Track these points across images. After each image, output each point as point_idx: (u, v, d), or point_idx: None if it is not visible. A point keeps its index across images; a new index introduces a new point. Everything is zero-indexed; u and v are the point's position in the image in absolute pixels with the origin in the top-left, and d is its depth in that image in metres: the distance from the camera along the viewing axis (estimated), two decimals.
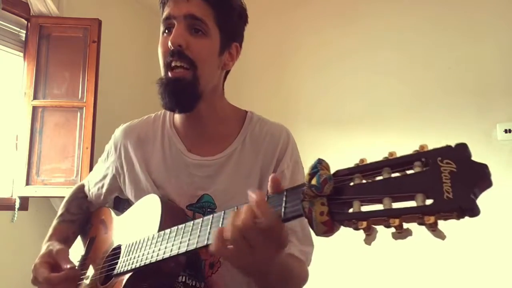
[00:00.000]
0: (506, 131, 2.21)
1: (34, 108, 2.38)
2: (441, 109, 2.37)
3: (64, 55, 2.46)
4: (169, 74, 0.87)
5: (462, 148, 0.44)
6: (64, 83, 2.44)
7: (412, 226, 0.46)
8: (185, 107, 0.91)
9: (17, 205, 2.28)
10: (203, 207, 0.91)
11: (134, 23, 3.00)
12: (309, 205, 0.52)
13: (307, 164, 0.56)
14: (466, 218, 0.43)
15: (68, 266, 0.90)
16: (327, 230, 0.51)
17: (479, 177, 0.42)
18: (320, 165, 0.53)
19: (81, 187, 1.17)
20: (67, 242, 1.06)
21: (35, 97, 2.39)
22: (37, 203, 2.40)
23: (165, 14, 0.89)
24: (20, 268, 2.29)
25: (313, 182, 0.52)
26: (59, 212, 1.12)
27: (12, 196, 2.33)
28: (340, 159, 0.69)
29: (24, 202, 2.34)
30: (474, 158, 0.43)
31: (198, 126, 0.96)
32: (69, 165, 2.35)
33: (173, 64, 0.87)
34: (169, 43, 0.85)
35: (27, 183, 2.30)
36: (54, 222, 1.10)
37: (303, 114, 2.75)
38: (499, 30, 2.31)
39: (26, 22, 2.47)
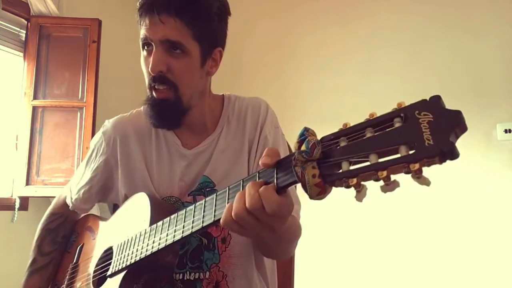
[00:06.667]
0: (506, 131, 2.21)
1: (34, 108, 2.38)
2: None
3: (64, 55, 2.46)
4: (154, 94, 0.91)
5: (436, 100, 0.47)
6: (64, 83, 2.44)
7: (407, 225, 0.44)
8: (172, 125, 0.97)
9: (17, 205, 2.27)
10: (201, 188, 0.95)
11: (134, 23, 2.99)
12: (301, 170, 0.54)
13: None
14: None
15: None
16: (320, 191, 0.53)
17: (455, 122, 0.45)
18: (307, 132, 0.55)
19: (54, 212, 1.15)
20: None
21: (35, 97, 2.39)
22: (37, 203, 2.39)
23: (142, 33, 0.89)
24: (20, 268, 2.29)
25: (303, 148, 0.54)
26: (32, 255, 1.10)
27: (12, 196, 2.33)
28: None
29: (24, 202, 2.33)
30: (474, 158, 0.44)
31: (189, 123, 0.98)
32: (69, 165, 2.35)
33: (156, 87, 0.90)
34: (150, 69, 0.88)
35: (27, 183, 2.30)
36: (25, 274, 1.09)
37: (302, 112, 2.75)
38: (499, 30, 2.31)
39: (26, 22, 2.47)
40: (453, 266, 2.21)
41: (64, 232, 1.13)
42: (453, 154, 0.44)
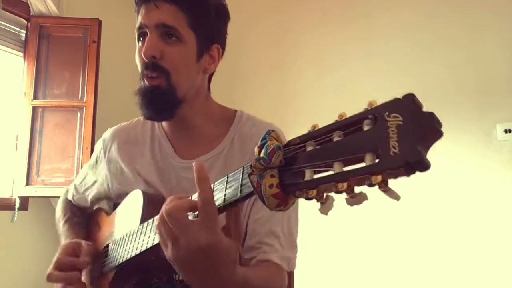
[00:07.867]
0: (506, 131, 2.21)
1: (34, 108, 2.38)
2: (441, 109, 2.33)
3: (64, 55, 2.46)
4: (146, 81, 0.87)
5: (409, 99, 0.40)
6: (64, 83, 2.44)
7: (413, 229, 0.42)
8: (164, 116, 0.91)
9: (17, 205, 2.28)
10: None
11: (134, 23, 2.99)
12: (258, 179, 0.49)
13: None
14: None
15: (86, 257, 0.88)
16: (279, 203, 0.48)
17: (426, 128, 0.38)
18: (268, 136, 0.50)
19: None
20: None
21: (35, 97, 2.39)
22: (37, 203, 2.40)
23: (138, 23, 0.88)
24: (20, 267, 2.29)
25: (261, 154, 0.49)
26: (65, 216, 1.10)
27: (12, 196, 2.33)
28: None
29: (24, 202, 2.34)
30: (474, 158, 0.41)
31: (185, 129, 0.95)
32: (69, 165, 2.35)
33: (148, 76, 0.86)
34: (142, 55, 0.85)
35: (27, 183, 2.30)
36: (65, 225, 1.07)
37: (300, 111, 2.73)
38: (499, 30, 2.30)
39: (26, 22, 2.47)
40: (454, 267, 2.21)
41: (87, 216, 1.13)
42: (421, 166, 0.37)
